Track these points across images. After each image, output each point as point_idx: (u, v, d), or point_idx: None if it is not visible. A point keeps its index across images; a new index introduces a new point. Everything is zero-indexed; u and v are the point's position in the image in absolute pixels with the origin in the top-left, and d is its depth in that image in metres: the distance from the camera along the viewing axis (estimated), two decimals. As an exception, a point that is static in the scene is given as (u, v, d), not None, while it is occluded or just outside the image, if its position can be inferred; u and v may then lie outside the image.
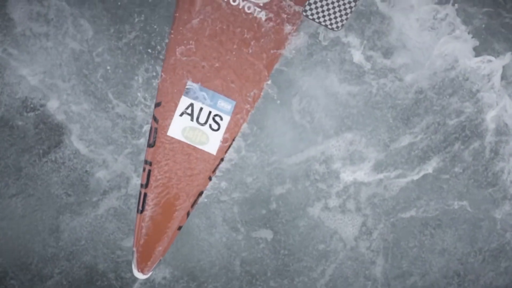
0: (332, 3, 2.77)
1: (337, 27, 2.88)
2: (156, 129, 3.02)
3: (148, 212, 3.01)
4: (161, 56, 3.62)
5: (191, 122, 3.05)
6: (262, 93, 3.14)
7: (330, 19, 2.81)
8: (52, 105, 3.64)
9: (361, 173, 3.89)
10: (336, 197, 3.90)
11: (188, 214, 3.08)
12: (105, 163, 3.72)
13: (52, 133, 3.66)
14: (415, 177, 3.91)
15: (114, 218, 3.77)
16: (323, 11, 2.80)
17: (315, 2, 2.75)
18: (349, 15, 2.79)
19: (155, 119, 3.03)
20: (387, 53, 3.79)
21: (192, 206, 3.09)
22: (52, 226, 3.71)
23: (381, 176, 3.89)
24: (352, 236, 3.92)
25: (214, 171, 3.12)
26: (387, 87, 3.83)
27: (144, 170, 3.04)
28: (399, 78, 3.83)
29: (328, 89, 3.80)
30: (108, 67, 3.63)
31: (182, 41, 3.02)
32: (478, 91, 3.87)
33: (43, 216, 3.70)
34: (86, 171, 3.70)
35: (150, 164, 3.03)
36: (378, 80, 3.81)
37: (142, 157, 3.71)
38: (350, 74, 3.79)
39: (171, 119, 3.03)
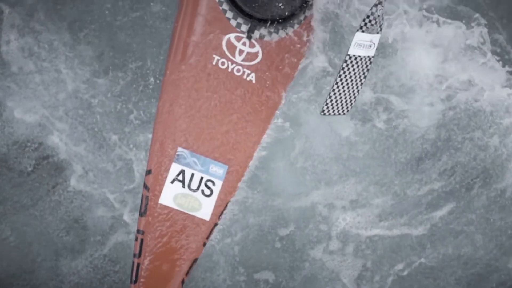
0: (344, 94, 2.80)
1: (348, 110, 2.87)
2: (147, 197, 2.96)
3: (141, 283, 2.94)
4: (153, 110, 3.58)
5: (182, 189, 2.97)
6: (254, 155, 3.06)
7: (343, 108, 2.86)
8: (49, 144, 3.59)
9: (364, 219, 3.80)
10: (338, 240, 3.81)
11: (183, 282, 3.02)
12: (104, 202, 3.67)
13: (50, 173, 3.61)
14: (422, 228, 3.80)
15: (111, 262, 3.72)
16: (337, 105, 2.83)
17: (331, 101, 2.80)
18: (356, 98, 2.85)
19: (146, 187, 2.96)
20: (400, 92, 3.65)
21: (187, 274, 3.02)
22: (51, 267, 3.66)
23: (385, 223, 3.79)
24: (353, 278, 3.83)
25: (208, 237, 3.04)
26: (399, 128, 3.70)
27: (136, 239, 2.98)
28: (411, 116, 3.69)
29: (334, 129, 3.71)
30: (105, 110, 3.58)
31: (172, 105, 2.96)
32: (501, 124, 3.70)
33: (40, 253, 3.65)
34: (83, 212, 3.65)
35: (143, 233, 2.96)
36: (390, 120, 3.68)
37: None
38: (359, 113, 3.68)
39: (162, 186, 2.96)
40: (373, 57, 2.73)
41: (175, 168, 2.96)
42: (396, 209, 3.79)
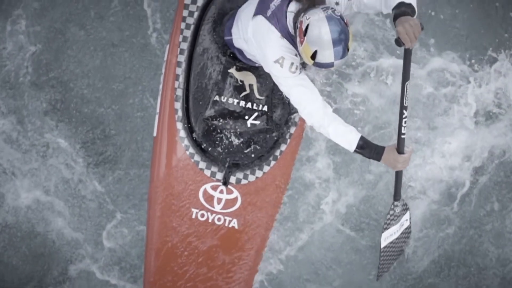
0: (392, 258, 2.77)
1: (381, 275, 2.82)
2: None
3: None
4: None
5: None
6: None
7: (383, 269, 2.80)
8: (47, 230, 3.60)
9: None
10: None
11: None
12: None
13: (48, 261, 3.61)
14: None
15: None
16: (388, 264, 2.78)
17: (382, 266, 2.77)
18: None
19: None
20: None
21: None
22: None
23: None
24: None
25: None
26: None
27: None
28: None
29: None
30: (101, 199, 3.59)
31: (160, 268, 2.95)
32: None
33: None
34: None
35: None
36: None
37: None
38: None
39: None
40: (410, 227, 2.65)
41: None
42: None
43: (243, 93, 2.94)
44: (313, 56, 2.21)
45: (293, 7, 2.32)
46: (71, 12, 3.59)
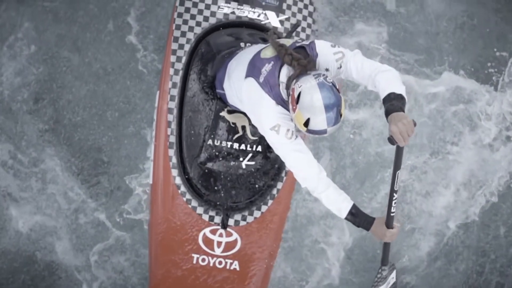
0: None
1: None
2: None
3: None
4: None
5: None
6: None
7: None
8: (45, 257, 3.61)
9: None
10: None
11: None
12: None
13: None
14: None
15: None
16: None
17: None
18: None
19: None
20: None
21: None
22: None
23: None
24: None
25: None
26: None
27: None
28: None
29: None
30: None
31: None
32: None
33: None
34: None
35: None
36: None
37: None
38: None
39: None
40: (395, 283, 2.68)
41: None
42: None
43: (236, 135, 2.94)
44: (306, 124, 2.21)
45: (285, 73, 2.32)
46: (67, 36, 3.58)
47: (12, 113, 3.56)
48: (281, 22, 3.07)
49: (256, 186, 2.97)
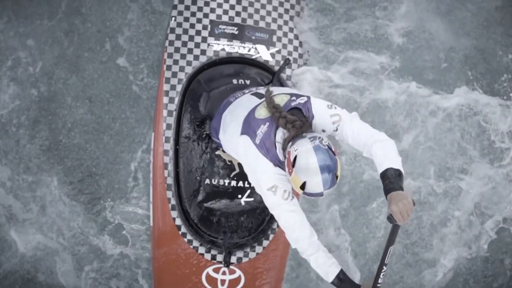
0: None
1: None
2: None
3: None
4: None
5: None
6: None
7: None
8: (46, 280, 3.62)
9: None
10: None
11: None
12: None
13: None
14: None
15: None
16: None
17: None
18: None
19: None
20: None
21: None
22: None
23: None
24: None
25: None
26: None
27: None
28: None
29: None
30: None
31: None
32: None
33: None
34: None
35: None
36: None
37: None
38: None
39: None
40: None
41: None
42: None
43: (233, 173, 2.95)
44: (303, 187, 2.20)
45: (280, 134, 2.31)
46: (63, 56, 3.54)
47: (8, 136, 3.54)
48: (272, 55, 3.06)
49: (256, 222, 2.97)
